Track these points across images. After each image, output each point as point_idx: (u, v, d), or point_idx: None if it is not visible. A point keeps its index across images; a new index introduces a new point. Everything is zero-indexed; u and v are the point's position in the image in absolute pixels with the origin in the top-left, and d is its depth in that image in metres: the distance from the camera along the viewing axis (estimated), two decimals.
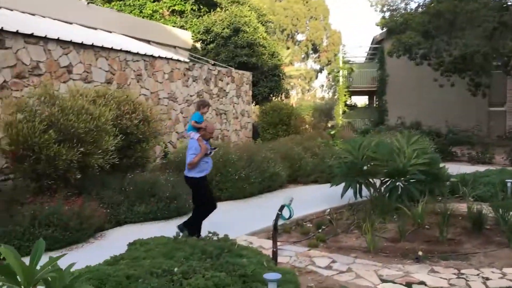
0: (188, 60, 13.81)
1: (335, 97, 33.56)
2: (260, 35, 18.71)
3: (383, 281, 4.95)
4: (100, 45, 9.80)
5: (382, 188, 8.13)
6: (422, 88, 25.04)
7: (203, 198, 6.30)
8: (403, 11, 20.23)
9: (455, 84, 20.61)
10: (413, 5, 49.68)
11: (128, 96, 8.37)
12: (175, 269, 4.29)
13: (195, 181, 6.16)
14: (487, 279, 4.96)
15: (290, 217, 5.53)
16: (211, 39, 18.59)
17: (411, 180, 7.87)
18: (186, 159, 6.15)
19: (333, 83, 37.48)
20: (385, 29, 21.78)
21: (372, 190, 8.22)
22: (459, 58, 16.96)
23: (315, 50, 60.38)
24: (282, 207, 5.46)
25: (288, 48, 56.49)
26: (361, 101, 40.18)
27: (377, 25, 20.54)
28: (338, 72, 28.23)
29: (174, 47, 16.13)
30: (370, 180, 8.34)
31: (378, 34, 26.33)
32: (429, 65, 19.44)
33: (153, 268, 4.31)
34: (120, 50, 10.36)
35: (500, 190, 9.66)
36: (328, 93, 57.75)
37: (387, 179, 8.05)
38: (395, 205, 7.51)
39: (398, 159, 7.93)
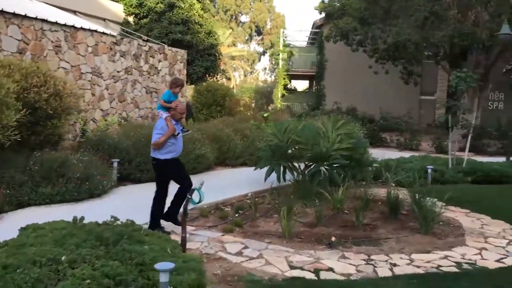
0: (115, 34, 13.07)
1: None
2: (196, 12, 18.11)
3: (292, 267, 4.80)
4: (12, 11, 8.96)
5: (306, 172, 8.03)
6: (359, 74, 25.38)
7: (167, 180, 5.97)
8: None
9: (389, 71, 21.08)
10: None
11: (38, 68, 7.69)
12: (63, 258, 3.90)
13: (160, 163, 5.79)
14: (395, 265, 4.95)
15: (200, 201, 5.25)
16: (144, 14, 17.76)
17: (334, 165, 7.82)
18: (152, 138, 5.78)
19: (275, 66, 37.34)
20: (323, 14, 21.78)
21: (295, 174, 8.11)
22: (392, 46, 17.23)
23: (259, 33, 60.14)
24: (192, 191, 5.17)
25: (231, 29, 55.92)
26: (302, 85, 40.54)
27: (316, 9, 20.51)
28: (278, 55, 28.12)
29: (104, 19, 15.29)
30: (295, 164, 8.23)
31: (318, 19, 26.36)
32: (365, 51, 19.68)
33: (37, 256, 3.87)
34: (36, 18, 9.54)
35: (421, 176, 9.94)
36: (270, 76, 57.66)
37: (311, 163, 7.96)
38: (317, 190, 7.44)
39: (322, 143, 7.85)
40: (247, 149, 11.31)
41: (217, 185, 8.35)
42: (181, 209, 5.39)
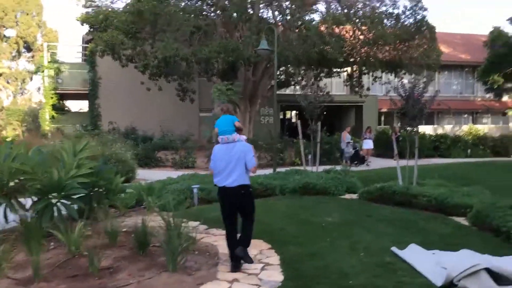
0: None
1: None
2: None
3: None
4: None
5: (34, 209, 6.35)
6: (136, 91, 24.11)
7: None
8: (109, 9, 18.88)
9: (165, 88, 20.44)
10: (120, 4, 48.32)
11: None
12: None
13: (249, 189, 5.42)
14: None
15: None
16: None
17: (73, 196, 6.35)
18: (248, 165, 5.28)
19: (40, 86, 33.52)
20: (86, 25, 19.95)
21: (21, 213, 6.35)
22: (162, 61, 16.55)
23: (29, 49, 53.94)
24: None
25: None
26: (80, 105, 37.26)
27: (78, 20, 18.56)
28: (43, 71, 24.98)
29: None
30: (22, 199, 6.47)
31: (86, 33, 24.31)
32: (136, 67, 18.59)
33: None
34: None
35: (187, 197, 9.17)
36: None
37: (41, 196, 6.31)
38: (46, 230, 5.86)
39: (55, 171, 6.29)
40: None
41: None
42: None
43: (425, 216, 8.09)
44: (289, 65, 21.01)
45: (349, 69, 25.65)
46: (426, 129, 27.23)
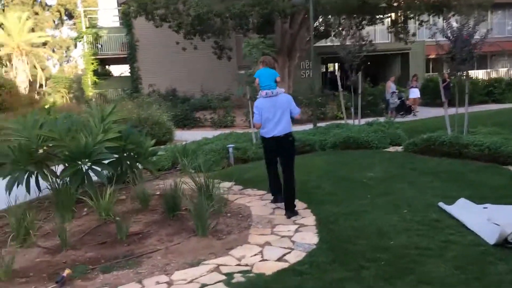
0: None
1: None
2: None
3: None
4: None
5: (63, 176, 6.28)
6: (174, 53, 23.77)
7: None
8: None
9: (204, 47, 20.04)
10: None
11: None
12: None
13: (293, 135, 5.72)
14: None
15: None
16: None
17: (102, 162, 6.24)
18: (293, 112, 5.60)
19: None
20: None
21: (52, 180, 6.30)
22: (196, 19, 16.09)
23: (70, 16, 54.65)
24: None
25: (36, 13, 49.76)
26: (122, 70, 37.65)
27: None
28: (82, 37, 25.13)
29: None
30: (53, 167, 6.43)
31: None
32: (170, 27, 18.23)
33: None
34: None
35: (223, 157, 8.95)
36: None
37: (70, 163, 6.23)
38: (77, 197, 5.79)
39: (82, 136, 6.17)
40: None
41: None
42: None
43: (476, 167, 7.48)
44: (328, 15, 20.02)
45: (393, 14, 24.22)
46: (478, 74, 25.64)
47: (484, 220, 4.73)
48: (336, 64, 35.68)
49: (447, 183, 6.58)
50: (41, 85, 39.84)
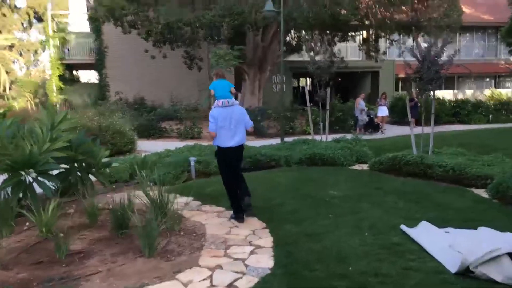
0: None
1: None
2: None
3: None
4: None
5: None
6: (144, 61, 23.23)
7: None
8: None
9: (174, 57, 19.64)
10: None
11: None
12: None
13: None
14: None
15: None
16: None
17: (49, 173, 5.80)
18: (246, 125, 5.75)
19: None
20: None
21: None
22: (165, 27, 15.74)
23: (40, 19, 53.26)
24: None
25: (3, 15, 48.32)
26: (90, 76, 36.75)
27: None
28: (48, 41, 24.39)
29: None
30: None
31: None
32: (139, 34, 17.81)
33: None
34: None
35: (184, 170, 8.59)
36: None
37: (12, 173, 5.77)
38: (17, 210, 5.34)
39: (27, 144, 5.73)
40: None
41: None
42: None
43: (441, 188, 7.38)
44: (300, 30, 20.01)
45: (364, 32, 24.45)
46: (445, 95, 26.05)
47: (446, 246, 4.55)
48: (308, 79, 35.83)
49: (411, 204, 6.42)
50: (5, 89, 38.47)
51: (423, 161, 8.26)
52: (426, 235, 4.97)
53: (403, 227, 5.30)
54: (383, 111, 18.21)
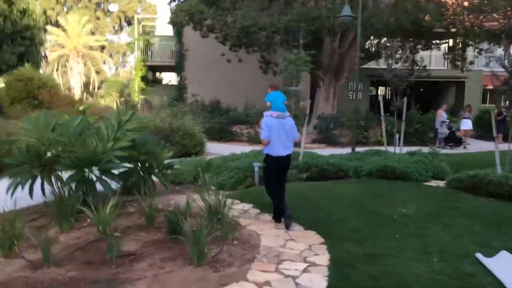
0: None
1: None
2: None
3: None
4: None
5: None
6: (222, 64, 23.67)
7: None
8: None
9: (251, 61, 19.73)
10: None
11: None
12: None
13: None
14: None
15: None
16: None
17: (112, 171, 5.88)
18: (295, 136, 6.04)
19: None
20: None
21: (59, 185, 6.00)
22: (241, 31, 15.80)
23: (129, 23, 56.28)
24: None
25: (97, 18, 51.59)
26: (171, 77, 38.14)
27: None
28: (134, 43, 25.55)
29: None
30: (60, 172, 6.12)
31: (168, 2, 24.22)
32: (216, 38, 18.05)
33: None
34: None
35: (247, 176, 8.44)
36: None
37: (76, 169, 5.90)
38: (77, 206, 5.44)
39: (91, 142, 5.84)
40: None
41: None
42: None
43: None
44: (380, 36, 19.26)
45: (451, 40, 23.08)
46: None
47: None
48: (387, 88, 34.55)
49: (490, 229, 5.76)
50: (94, 88, 40.95)
51: (508, 182, 7.45)
52: (506, 267, 4.39)
53: (478, 255, 4.73)
54: (466, 124, 16.99)
